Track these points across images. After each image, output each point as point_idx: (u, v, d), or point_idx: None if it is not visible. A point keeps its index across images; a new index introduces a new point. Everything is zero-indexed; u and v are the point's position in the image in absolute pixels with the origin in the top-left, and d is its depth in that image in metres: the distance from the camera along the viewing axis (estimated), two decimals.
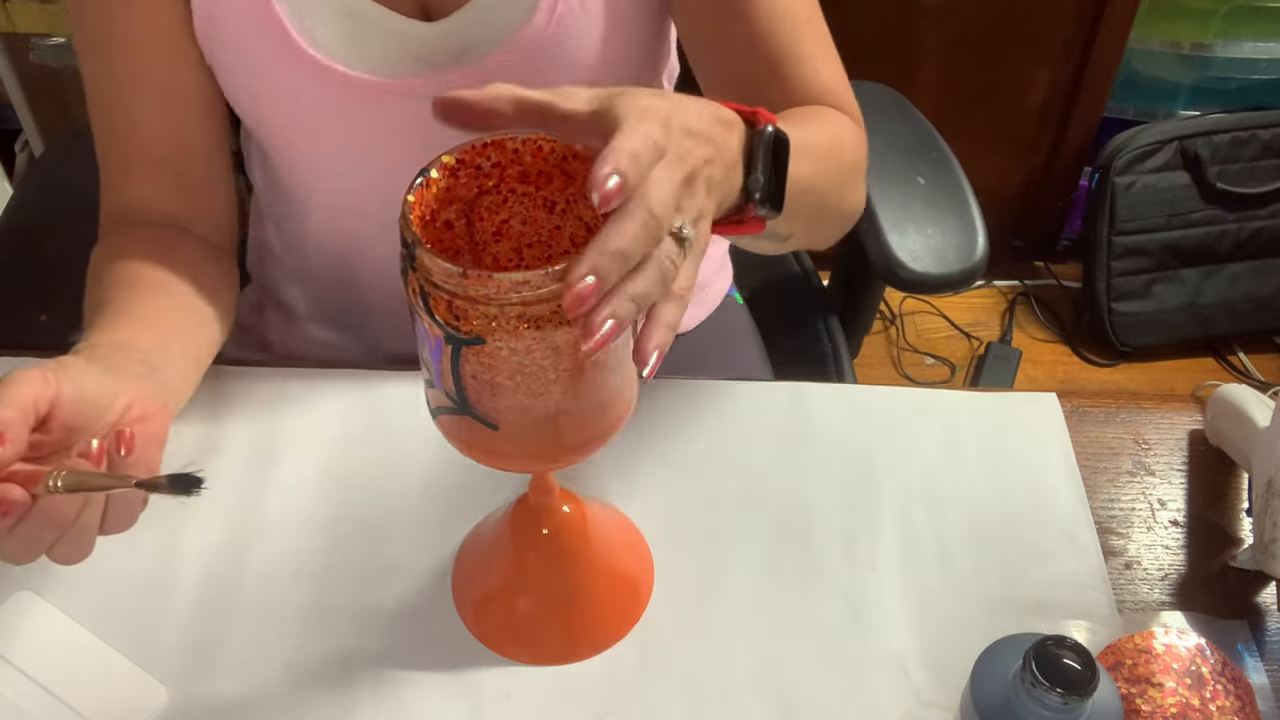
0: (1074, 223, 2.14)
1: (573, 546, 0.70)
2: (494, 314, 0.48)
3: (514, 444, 0.54)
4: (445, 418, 0.56)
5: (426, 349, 0.52)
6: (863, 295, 1.18)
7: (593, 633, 0.71)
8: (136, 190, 0.80)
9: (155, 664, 0.70)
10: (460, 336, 0.49)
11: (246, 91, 0.79)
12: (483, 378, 0.51)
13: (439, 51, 0.76)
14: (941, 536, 0.77)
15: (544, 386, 0.51)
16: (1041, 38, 1.89)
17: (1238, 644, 0.73)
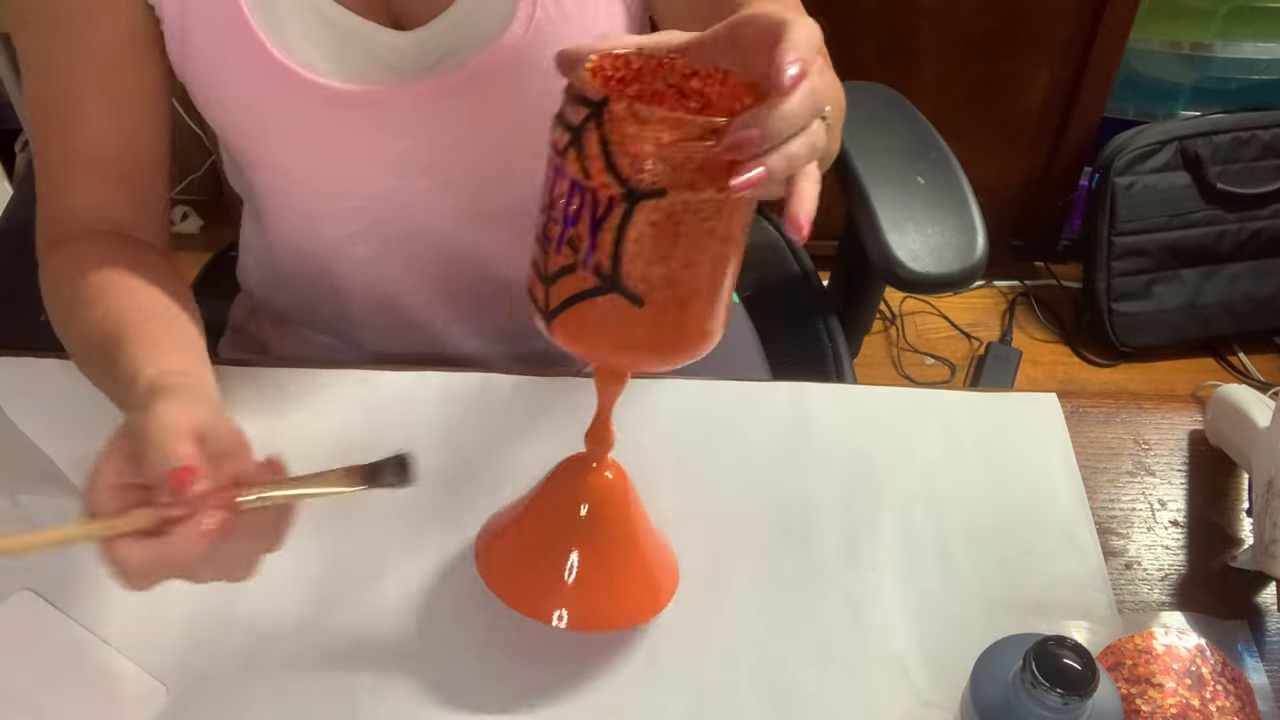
0: (1074, 223, 2.14)
1: (616, 511, 0.69)
2: (680, 161, 0.51)
3: (648, 326, 0.56)
4: (578, 306, 0.57)
5: (581, 224, 0.54)
6: (863, 295, 1.18)
7: (637, 599, 0.70)
8: (84, 196, 0.78)
9: (155, 664, 0.70)
10: (640, 191, 0.52)
11: (220, 104, 0.78)
12: (645, 241, 0.54)
13: (416, 60, 0.76)
14: (941, 536, 0.78)
15: (696, 255, 0.55)
16: (1041, 38, 1.89)
17: (1238, 644, 0.73)
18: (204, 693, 0.69)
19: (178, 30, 0.75)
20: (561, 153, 0.54)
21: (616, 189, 0.53)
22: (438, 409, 0.84)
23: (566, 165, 0.54)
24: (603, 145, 0.52)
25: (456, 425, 0.83)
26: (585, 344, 0.59)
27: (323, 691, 0.69)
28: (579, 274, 0.56)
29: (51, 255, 0.79)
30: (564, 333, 0.58)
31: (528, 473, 0.79)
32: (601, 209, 0.53)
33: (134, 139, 0.78)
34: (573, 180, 0.54)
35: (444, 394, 0.85)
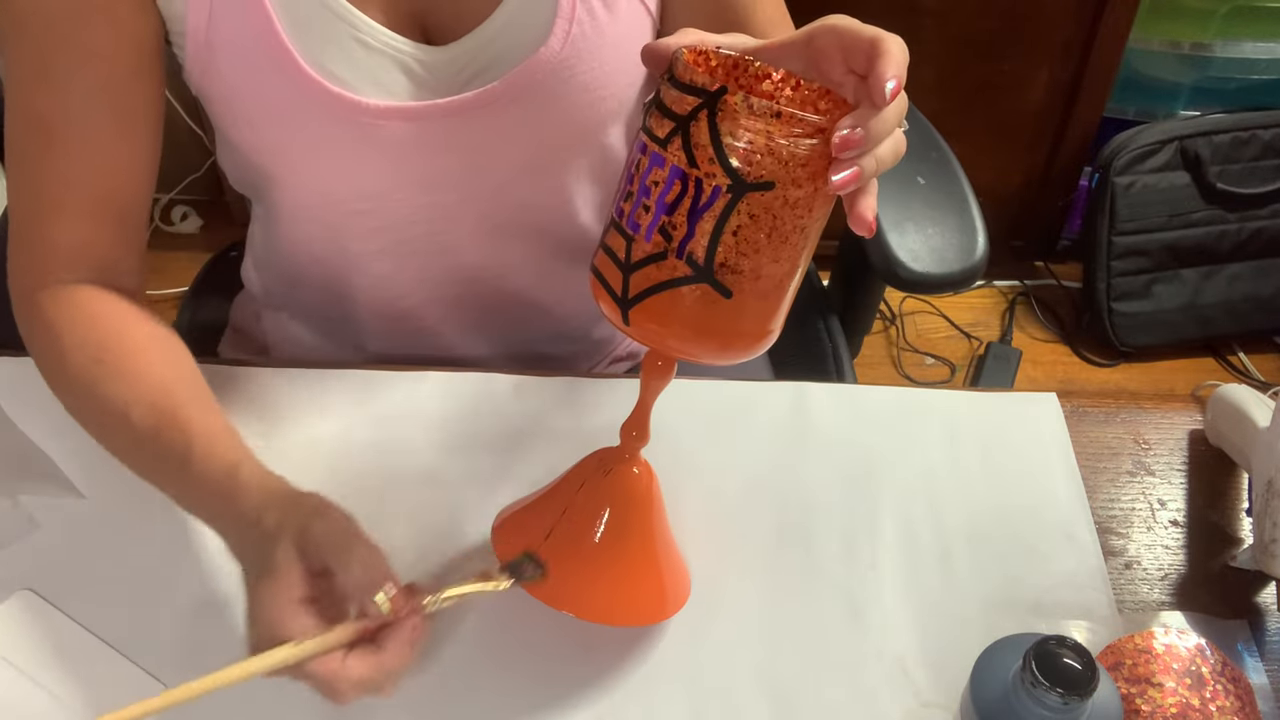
0: (1074, 223, 2.14)
1: (641, 507, 0.69)
2: (787, 156, 0.53)
3: (733, 317, 0.58)
4: (663, 294, 0.57)
5: (679, 213, 0.55)
6: (863, 295, 1.18)
7: (648, 598, 0.69)
8: (74, 232, 0.74)
9: (155, 664, 0.70)
10: (748, 182, 0.53)
11: (249, 120, 0.76)
12: (744, 233, 0.55)
13: (450, 76, 0.76)
14: (941, 536, 0.78)
15: (784, 251, 0.56)
16: (1041, 38, 1.89)
17: (1238, 644, 0.73)
18: None
19: (201, 46, 0.73)
20: (663, 141, 0.55)
21: (724, 179, 0.54)
22: (438, 409, 0.84)
23: (669, 153, 0.55)
24: (713, 135, 0.53)
25: (456, 425, 0.83)
26: (662, 333, 0.59)
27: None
28: (669, 262, 0.56)
29: (42, 302, 0.74)
30: (641, 321, 0.59)
31: (528, 472, 0.79)
32: (705, 198, 0.54)
33: (134, 166, 0.75)
34: (675, 168, 0.55)
35: (444, 394, 0.85)
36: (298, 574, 0.59)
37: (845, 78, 0.57)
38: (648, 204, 0.56)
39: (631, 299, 0.58)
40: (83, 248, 0.74)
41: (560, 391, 0.85)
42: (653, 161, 0.56)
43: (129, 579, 0.73)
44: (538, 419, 0.83)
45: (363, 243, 0.84)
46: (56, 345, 0.72)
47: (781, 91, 0.60)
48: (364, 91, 0.74)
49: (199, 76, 0.75)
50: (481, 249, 0.86)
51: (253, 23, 0.72)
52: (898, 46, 0.54)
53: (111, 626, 0.71)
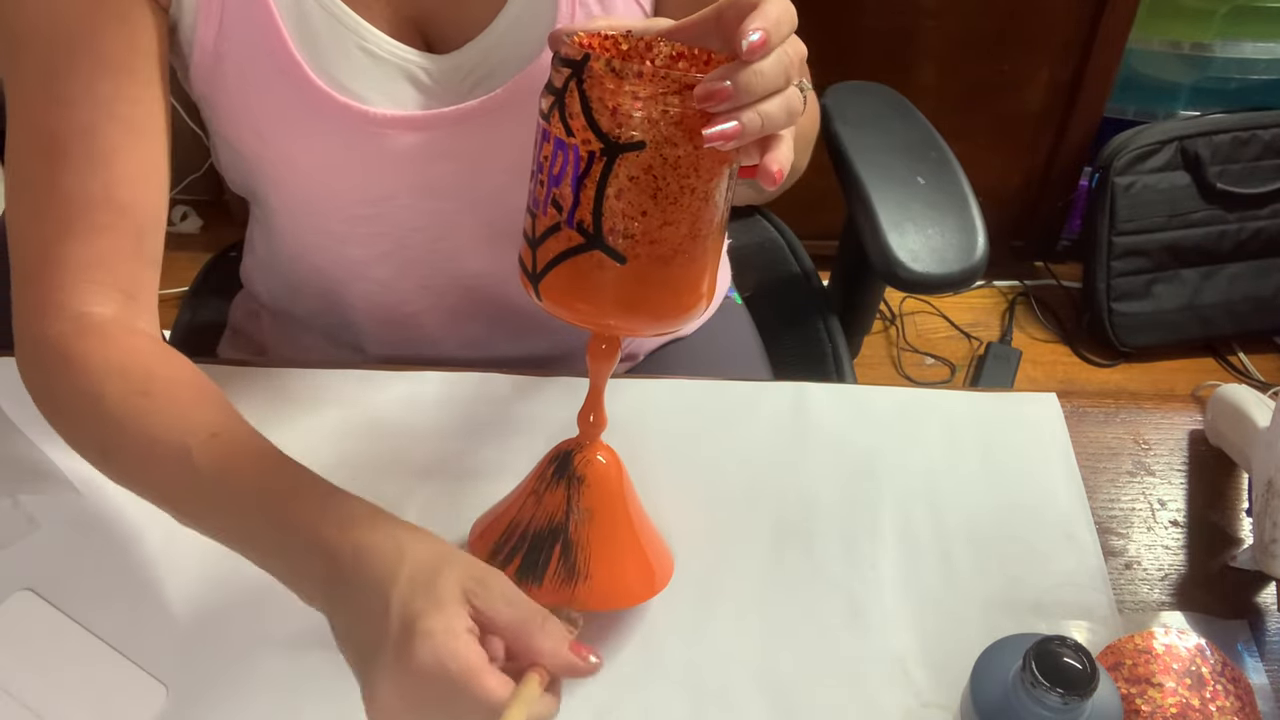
0: (1074, 223, 2.14)
1: (609, 494, 0.69)
2: (658, 117, 0.54)
3: (631, 285, 0.58)
4: (563, 265, 0.58)
5: (564, 183, 0.57)
6: (863, 295, 1.18)
7: (629, 582, 0.69)
8: (94, 246, 0.67)
9: (155, 664, 0.70)
10: (620, 143, 0.54)
11: (251, 128, 0.76)
12: (626, 196, 0.56)
13: (453, 84, 0.76)
14: (941, 536, 0.78)
15: (675, 213, 0.56)
16: (1041, 38, 1.89)
17: (1238, 644, 0.73)
18: (204, 693, 0.69)
19: (209, 55, 0.73)
20: (546, 115, 0.57)
21: (597, 144, 0.55)
22: (438, 409, 0.84)
23: (552, 126, 0.56)
24: (583, 102, 0.55)
25: (456, 425, 0.83)
26: (572, 304, 0.60)
27: (322, 690, 0.69)
28: (564, 232, 0.58)
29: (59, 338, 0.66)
30: (551, 294, 0.60)
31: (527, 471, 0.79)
32: (583, 164, 0.56)
33: (148, 178, 0.70)
34: (557, 140, 0.56)
35: (444, 394, 0.85)
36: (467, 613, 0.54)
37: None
38: (541, 178, 0.58)
39: (539, 273, 0.60)
40: (100, 265, 0.68)
41: (560, 391, 0.85)
42: (541, 138, 0.58)
43: (129, 579, 0.73)
44: (537, 419, 0.83)
45: (364, 249, 0.84)
46: (85, 380, 0.64)
47: (693, 68, 0.61)
48: (372, 101, 0.75)
49: (205, 84, 0.75)
50: (482, 255, 0.86)
51: (262, 33, 0.72)
52: (776, 6, 0.53)
53: (111, 626, 0.71)
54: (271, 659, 0.70)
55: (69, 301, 0.67)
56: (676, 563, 0.74)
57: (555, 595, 0.67)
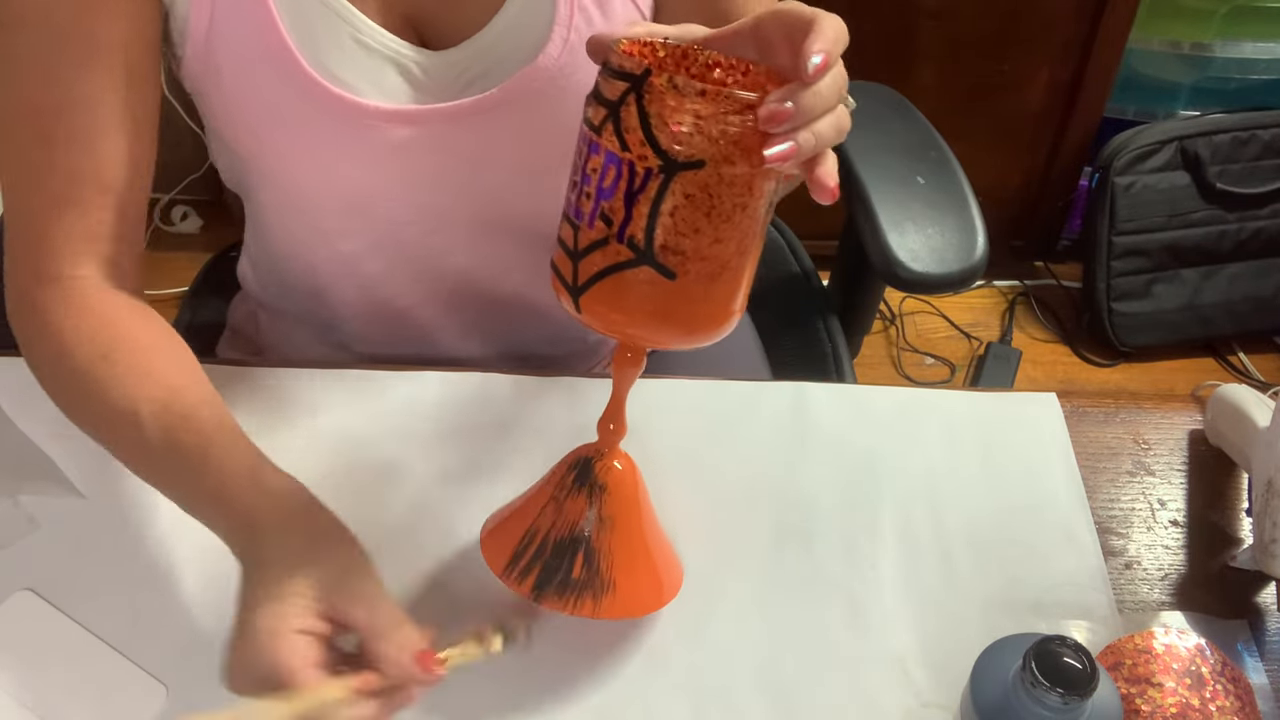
0: (1074, 223, 2.14)
1: (625, 501, 0.69)
2: (717, 135, 0.53)
3: (677, 300, 0.58)
4: (609, 280, 0.57)
5: (616, 198, 0.55)
6: (863, 295, 1.18)
7: (641, 591, 0.69)
8: (76, 222, 0.71)
9: (155, 664, 0.70)
10: (679, 162, 0.54)
11: (243, 122, 0.76)
12: (681, 214, 0.55)
13: (449, 81, 0.76)
14: (941, 536, 0.77)
15: (727, 230, 0.56)
16: (1041, 38, 1.89)
17: (1238, 644, 0.73)
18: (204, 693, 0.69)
19: (201, 45, 0.73)
20: (597, 128, 0.56)
21: (654, 161, 0.54)
22: (438, 409, 0.84)
23: (603, 139, 0.55)
24: (642, 118, 0.54)
25: (456, 425, 0.83)
26: (613, 318, 0.60)
27: None
28: (612, 247, 0.57)
29: (39, 298, 0.71)
30: (593, 307, 0.59)
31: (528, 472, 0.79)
32: (639, 181, 0.55)
33: (135, 160, 0.73)
34: (609, 154, 0.55)
35: (444, 394, 0.84)
36: (309, 610, 0.58)
37: (794, 62, 0.56)
38: (588, 191, 0.57)
39: (581, 286, 0.59)
40: (84, 241, 0.72)
41: (560, 391, 0.85)
42: (590, 149, 0.56)
43: (129, 579, 0.73)
44: (537, 419, 0.83)
45: (355, 242, 0.84)
46: (58, 342, 0.70)
47: (729, 78, 0.60)
48: (364, 93, 0.74)
49: (197, 75, 0.75)
50: (475, 252, 0.86)
51: (255, 22, 0.72)
52: (831, 24, 0.54)
53: (111, 626, 0.71)
54: None
55: (53, 268, 0.71)
56: (680, 561, 0.74)
57: (579, 606, 0.66)
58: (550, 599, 0.66)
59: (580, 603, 0.66)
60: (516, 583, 0.66)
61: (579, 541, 0.67)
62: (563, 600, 0.66)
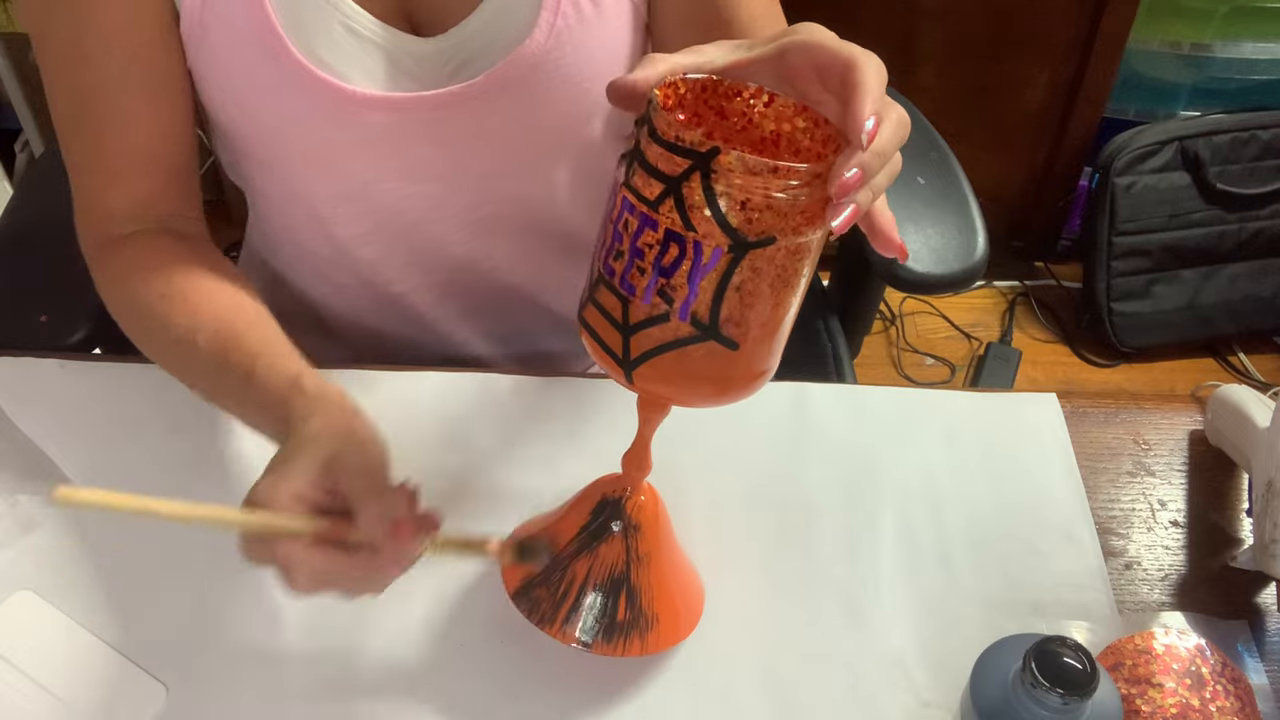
0: (1074, 223, 2.14)
1: (649, 536, 0.68)
2: (786, 209, 0.51)
3: (736, 366, 0.57)
4: (668, 355, 0.56)
5: (678, 276, 0.53)
6: (863, 295, 1.18)
7: (662, 626, 0.68)
8: (128, 192, 0.78)
9: (155, 664, 0.70)
10: (750, 240, 0.52)
11: (237, 103, 0.77)
12: (747, 287, 0.53)
13: (437, 67, 0.76)
14: (941, 536, 0.78)
15: (788, 295, 0.55)
16: (1041, 38, 1.89)
17: (1238, 644, 0.73)
18: (204, 693, 0.69)
19: (195, 24, 0.74)
20: (653, 203, 0.52)
21: (723, 240, 0.52)
22: (438, 409, 0.84)
23: (661, 215, 0.52)
24: (708, 196, 0.51)
25: (456, 425, 0.83)
26: (669, 388, 0.58)
27: (323, 691, 0.69)
28: (672, 324, 0.55)
29: (109, 255, 0.78)
30: (647, 381, 0.58)
31: (527, 472, 0.79)
32: (706, 259, 0.52)
33: (172, 128, 0.78)
34: (670, 231, 0.52)
35: (444, 394, 0.85)
36: (307, 479, 0.59)
37: (823, 95, 0.56)
38: (642, 266, 0.54)
39: (634, 360, 0.57)
40: (142, 206, 0.78)
41: (560, 391, 0.85)
42: (643, 223, 0.53)
43: (129, 579, 0.73)
44: (537, 419, 0.83)
45: (349, 228, 0.85)
46: (126, 289, 0.76)
47: (754, 108, 0.58)
48: (351, 79, 0.75)
49: (192, 57, 0.76)
50: (469, 241, 0.86)
51: (245, 5, 0.73)
52: (875, 75, 0.52)
53: (111, 626, 0.71)
54: (271, 659, 0.70)
55: (114, 232, 0.78)
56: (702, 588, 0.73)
57: (628, 647, 0.66)
58: (600, 645, 0.66)
59: (629, 643, 0.66)
60: (562, 635, 0.66)
61: (619, 584, 0.67)
62: (612, 644, 0.66)
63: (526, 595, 0.67)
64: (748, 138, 0.59)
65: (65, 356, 0.86)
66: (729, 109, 0.58)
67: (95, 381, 0.84)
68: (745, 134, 0.59)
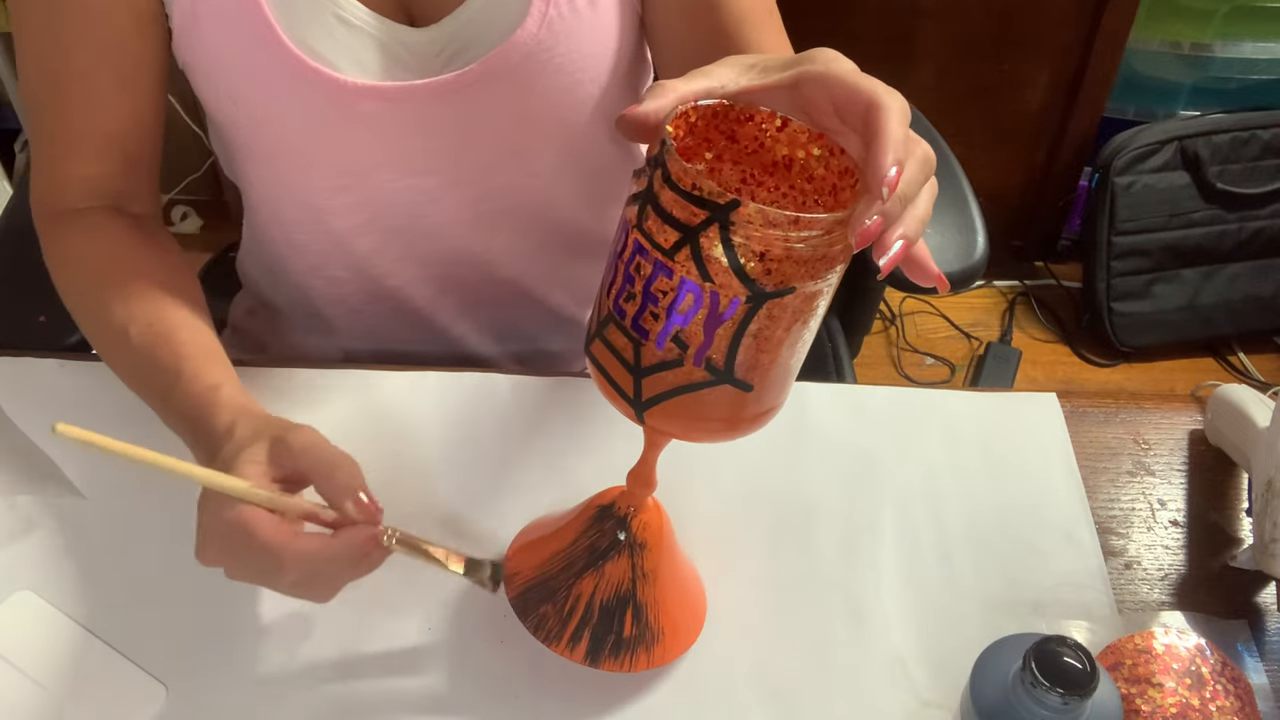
0: (1074, 223, 2.14)
1: (653, 551, 0.68)
2: (806, 257, 0.50)
3: (749, 405, 0.56)
4: (682, 398, 0.55)
5: (694, 324, 0.52)
6: (863, 295, 1.18)
7: (664, 641, 0.68)
8: (89, 168, 0.79)
9: (155, 664, 0.70)
10: (768, 291, 0.51)
11: (230, 95, 0.78)
12: (764, 334, 0.53)
13: (429, 57, 0.76)
14: (941, 536, 0.78)
15: (803, 335, 0.54)
16: (1041, 38, 1.89)
17: (1238, 644, 0.73)
18: (204, 693, 0.69)
19: (187, 14, 0.75)
20: (668, 251, 0.51)
21: (741, 291, 0.51)
22: (437, 409, 0.84)
23: (677, 264, 0.51)
24: (727, 248, 0.50)
25: (456, 425, 0.83)
26: (680, 428, 0.58)
27: (323, 692, 0.69)
28: (685, 369, 0.54)
29: (57, 226, 0.80)
30: (659, 420, 0.57)
31: (527, 472, 0.79)
32: (723, 308, 0.52)
33: (138, 115, 0.79)
34: (686, 281, 0.51)
35: (444, 394, 0.84)
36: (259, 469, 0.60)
37: (840, 127, 0.55)
38: (655, 311, 0.53)
39: (646, 401, 0.56)
40: (93, 182, 0.80)
41: (560, 391, 0.85)
42: (657, 269, 0.52)
43: (129, 579, 0.73)
44: (537, 419, 0.83)
45: (344, 220, 0.85)
46: (67, 269, 0.78)
47: (766, 133, 0.57)
48: (343, 69, 0.75)
49: (185, 47, 0.76)
50: (466, 234, 0.86)
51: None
52: (898, 119, 0.51)
53: (111, 626, 0.71)
54: (271, 659, 0.70)
55: (66, 200, 0.80)
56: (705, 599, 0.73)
57: (634, 663, 0.66)
58: (607, 662, 0.66)
59: (635, 659, 0.66)
60: (569, 652, 0.66)
61: (625, 601, 0.66)
62: (619, 660, 0.66)
63: (533, 611, 0.67)
64: (759, 161, 0.58)
65: (65, 356, 0.86)
66: (740, 133, 0.57)
67: (95, 381, 0.84)
68: (756, 158, 0.58)
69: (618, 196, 0.93)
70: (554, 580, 0.67)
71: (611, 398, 0.58)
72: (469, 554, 0.66)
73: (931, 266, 0.55)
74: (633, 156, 0.91)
